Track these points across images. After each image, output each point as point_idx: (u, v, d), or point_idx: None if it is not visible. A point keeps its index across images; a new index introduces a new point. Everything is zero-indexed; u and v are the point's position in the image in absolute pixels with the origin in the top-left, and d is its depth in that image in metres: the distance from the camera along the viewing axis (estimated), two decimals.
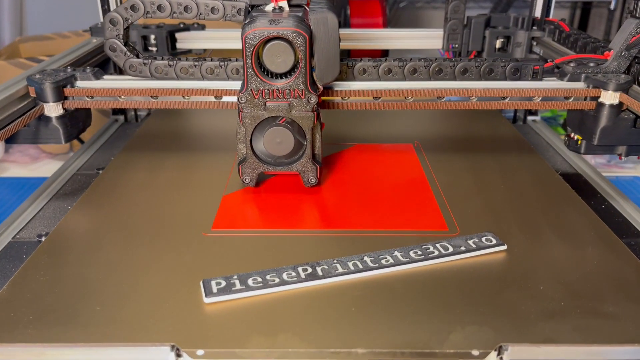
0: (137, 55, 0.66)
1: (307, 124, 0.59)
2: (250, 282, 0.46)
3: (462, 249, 0.51)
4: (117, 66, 0.91)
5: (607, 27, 2.21)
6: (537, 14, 0.91)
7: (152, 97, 0.66)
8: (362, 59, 0.65)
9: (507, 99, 0.65)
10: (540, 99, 0.65)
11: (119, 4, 0.91)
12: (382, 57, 0.67)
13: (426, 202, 0.61)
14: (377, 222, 0.57)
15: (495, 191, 0.63)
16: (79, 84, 0.66)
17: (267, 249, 0.52)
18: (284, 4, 0.58)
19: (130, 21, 0.64)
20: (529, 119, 0.98)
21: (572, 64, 0.66)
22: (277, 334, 0.41)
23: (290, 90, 0.57)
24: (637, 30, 0.63)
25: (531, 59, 0.70)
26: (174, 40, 0.94)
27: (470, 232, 0.54)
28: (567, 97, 0.64)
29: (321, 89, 0.60)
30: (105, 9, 0.90)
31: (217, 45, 0.96)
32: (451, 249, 0.50)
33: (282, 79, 0.57)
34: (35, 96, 0.63)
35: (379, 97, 0.65)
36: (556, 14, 0.93)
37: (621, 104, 0.62)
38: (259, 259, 0.50)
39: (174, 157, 0.72)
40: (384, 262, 0.49)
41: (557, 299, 0.45)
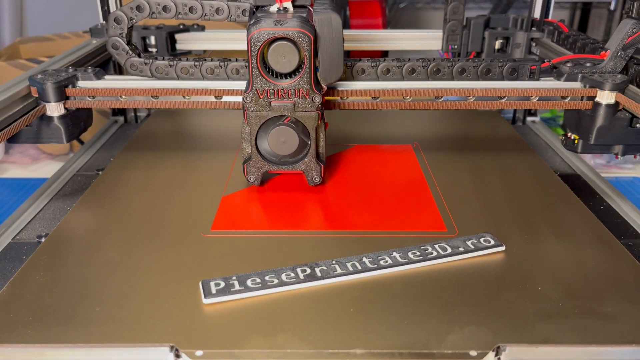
0: (138, 54, 0.66)
1: (311, 124, 0.59)
2: (249, 283, 0.46)
3: (461, 249, 0.51)
4: (117, 67, 0.91)
5: (607, 28, 2.21)
6: (537, 15, 0.91)
7: (152, 97, 0.66)
8: (361, 59, 0.66)
9: (505, 98, 0.65)
10: (537, 98, 0.65)
11: (119, 4, 0.91)
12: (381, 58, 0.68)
13: (425, 203, 0.61)
14: (376, 222, 0.57)
15: (493, 192, 0.63)
16: (81, 84, 0.66)
17: (266, 249, 0.52)
18: (289, 5, 0.58)
19: (135, 21, 0.64)
20: (529, 119, 0.98)
21: (569, 64, 0.67)
22: (276, 334, 0.41)
23: (294, 90, 0.57)
24: (633, 30, 0.63)
25: (528, 59, 0.70)
26: (173, 41, 0.94)
27: (468, 233, 0.54)
28: (564, 97, 0.65)
29: (325, 88, 0.60)
30: (105, 10, 0.90)
31: (216, 46, 0.96)
32: (449, 250, 0.51)
33: (286, 79, 0.57)
34: (37, 96, 0.64)
35: (378, 97, 0.65)
36: (556, 15, 0.93)
37: (617, 103, 0.62)
38: (258, 260, 0.50)
39: (174, 158, 0.72)
40: (382, 263, 0.49)
41: (555, 299, 0.45)
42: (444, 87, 0.65)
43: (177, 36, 0.94)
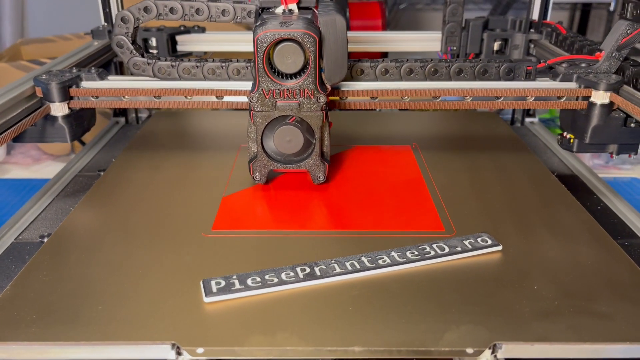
0: (142, 54, 0.67)
1: (316, 123, 0.60)
2: (249, 281, 0.46)
3: (458, 249, 0.51)
4: (118, 68, 0.92)
5: (607, 29, 2.21)
6: (535, 16, 0.91)
7: (155, 97, 0.67)
8: (360, 60, 0.66)
9: (501, 98, 0.66)
10: (533, 98, 0.66)
11: (120, 6, 0.92)
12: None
13: (423, 203, 0.61)
14: (374, 222, 0.57)
15: (491, 192, 0.64)
16: (84, 84, 0.67)
17: (266, 249, 0.53)
18: (294, 7, 0.59)
19: (141, 21, 0.65)
20: (527, 120, 0.98)
21: (564, 65, 0.67)
22: (276, 332, 0.41)
23: (300, 90, 0.58)
24: (627, 31, 0.64)
25: (524, 60, 0.71)
26: (174, 43, 0.95)
27: (466, 232, 0.54)
28: (559, 97, 0.66)
29: (329, 88, 0.61)
30: (106, 12, 0.91)
31: (217, 47, 0.96)
32: (447, 250, 0.51)
33: (292, 79, 0.58)
34: (41, 96, 0.65)
35: (376, 97, 0.66)
36: (556, 16, 0.93)
37: (612, 103, 0.63)
38: (258, 259, 0.50)
39: (174, 158, 0.73)
40: (381, 262, 0.49)
41: (552, 298, 0.45)
42: (441, 87, 0.66)
43: (178, 38, 0.95)
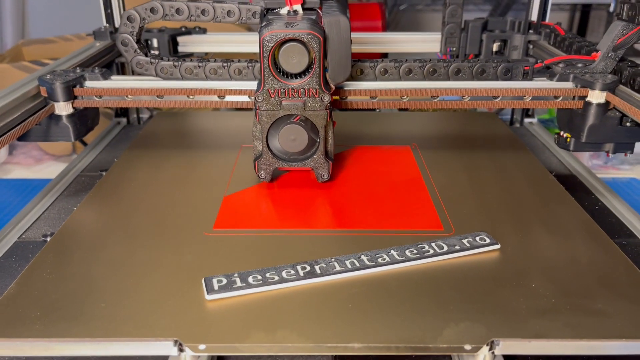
0: (145, 54, 0.68)
1: (320, 122, 0.61)
2: (250, 279, 0.47)
3: (457, 248, 0.52)
4: (120, 68, 0.93)
5: (607, 30, 2.21)
6: (534, 17, 0.92)
7: (158, 96, 0.67)
8: (359, 60, 0.67)
9: (499, 98, 0.66)
10: (530, 98, 0.67)
11: (122, 8, 0.92)
12: None
13: (422, 202, 0.62)
14: (374, 222, 0.58)
15: (490, 192, 0.64)
16: (88, 84, 0.68)
17: (267, 248, 0.53)
18: (299, 7, 0.60)
19: (147, 21, 0.66)
20: (526, 121, 0.99)
21: (561, 65, 0.68)
22: (277, 329, 0.42)
23: (304, 89, 0.59)
24: (623, 32, 0.65)
25: (522, 60, 0.72)
26: (175, 44, 0.95)
27: (465, 231, 0.55)
28: (556, 97, 0.66)
29: (333, 88, 0.62)
30: (108, 13, 0.91)
31: (218, 48, 0.97)
32: (446, 248, 0.52)
33: (297, 79, 0.59)
34: (46, 96, 0.65)
35: (376, 97, 0.66)
36: (556, 17, 0.94)
37: (608, 102, 0.63)
38: (259, 258, 0.51)
39: (176, 158, 0.73)
40: (380, 260, 0.50)
41: (549, 296, 0.46)
42: (439, 87, 0.66)
43: (179, 39, 0.96)
